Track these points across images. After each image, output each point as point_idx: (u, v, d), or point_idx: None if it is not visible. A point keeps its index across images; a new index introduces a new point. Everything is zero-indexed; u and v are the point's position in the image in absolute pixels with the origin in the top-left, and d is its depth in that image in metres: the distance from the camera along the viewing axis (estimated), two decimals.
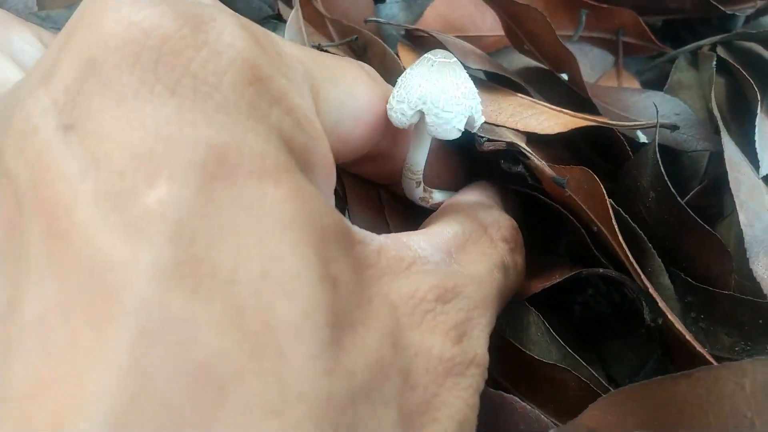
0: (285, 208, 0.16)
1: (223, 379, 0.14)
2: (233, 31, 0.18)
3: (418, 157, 0.29)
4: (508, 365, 0.28)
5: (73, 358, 0.13)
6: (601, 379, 0.27)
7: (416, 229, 0.25)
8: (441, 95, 0.26)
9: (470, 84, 0.27)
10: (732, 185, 0.32)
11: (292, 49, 0.22)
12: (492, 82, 0.35)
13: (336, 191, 0.33)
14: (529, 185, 0.31)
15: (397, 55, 0.35)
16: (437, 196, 0.31)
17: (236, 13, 0.20)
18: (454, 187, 0.32)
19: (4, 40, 0.25)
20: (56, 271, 0.14)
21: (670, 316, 0.26)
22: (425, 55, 0.27)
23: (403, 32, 0.40)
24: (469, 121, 0.27)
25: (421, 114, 0.26)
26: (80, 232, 0.14)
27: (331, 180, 0.22)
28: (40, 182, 0.15)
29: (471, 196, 0.30)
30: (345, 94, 0.25)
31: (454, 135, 0.26)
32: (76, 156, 0.15)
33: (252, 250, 0.15)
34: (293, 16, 0.37)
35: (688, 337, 0.26)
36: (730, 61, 0.37)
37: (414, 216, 0.32)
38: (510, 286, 0.26)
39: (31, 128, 0.16)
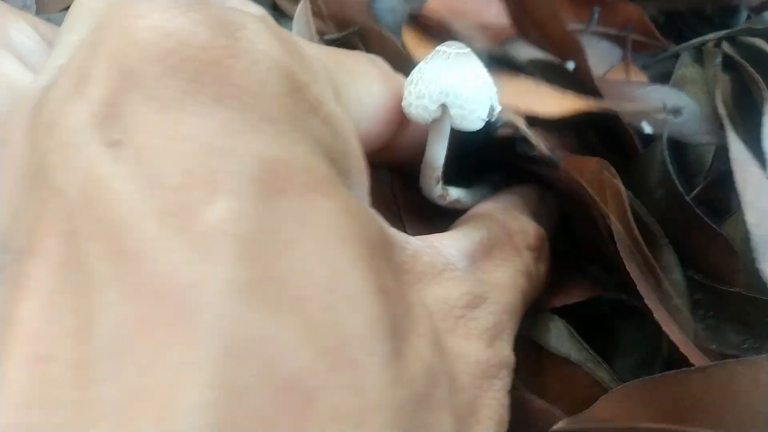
0: (338, 222, 0.16)
1: (310, 393, 0.14)
2: (265, 39, 0.18)
3: (439, 153, 0.28)
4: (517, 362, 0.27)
5: (161, 377, 0.13)
6: (613, 376, 0.27)
7: (430, 227, 0.26)
8: (463, 86, 0.25)
9: (486, 72, 0.26)
10: (739, 185, 0.31)
11: (311, 50, 0.21)
12: (496, 64, 0.34)
13: None
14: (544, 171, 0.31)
15: (402, 42, 0.34)
16: (453, 192, 0.31)
17: (259, 16, 0.19)
18: (474, 177, 0.32)
19: (4, 35, 0.24)
20: (127, 292, 0.14)
21: (674, 339, 0.25)
22: (438, 47, 0.26)
23: (405, 19, 0.39)
24: (489, 111, 0.27)
25: (443, 107, 0.25)
26: (146, 252, 0.14)
27: (365, 180, 0.22)
28: (94, 201, 0.14)
29: (501, 202, 0.30)
30: (364, 93, 0.25)
31: (479, 125, 0.26)
32: (128, 174, 0.15)
33: (316, 265, 0.15)
34: (301, 9, 0.36)
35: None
36: (736, 57, 0.37)
37: (427, 210, 0.31)
38: (534, 292, 0.27)
39: (76, 142, 0.15)
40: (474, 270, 0.23)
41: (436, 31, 0.38)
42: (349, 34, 0.37)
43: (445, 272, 0.21)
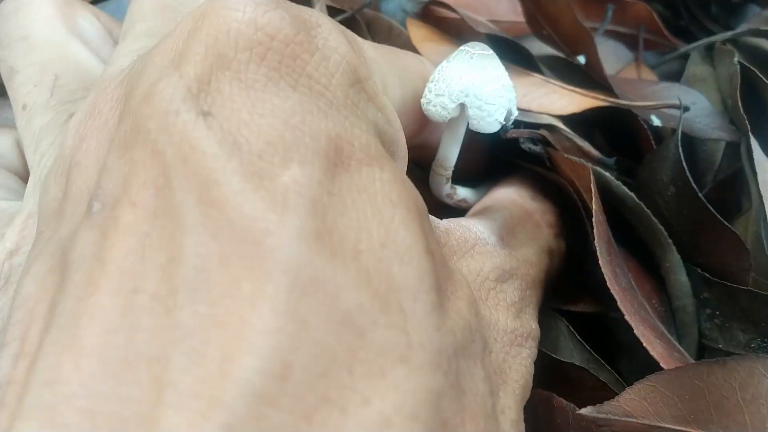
0: (392, 189, 0.18)
1: (363, 327, 0.16)
2: (336, 37, 0.21)
3: (452, 152, 0.28)
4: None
5: (236, 305, 0.15)
6: (617, 378, 0.27)
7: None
8: (484, 87, 0.25)
9: (507, 76, 0.26)
10: (761, 186, 0.31)
11: (370, 50, 0.24)
12: (506, 62, 0.34)
13: None
14: (546, 167, 0.31)
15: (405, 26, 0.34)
16: (461, 192, 0.31)
17: (331, 18, 0.22)
18: (479, 177, 0.33)
19: (74, 23, 0.28)
20: (213, 233, 0.16)
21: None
22: (462, 47, 0.26)
23: (415, 11, 0.39)
24: (507, 114, 0.27)
25: (462, 107, 0.26)
26: (231, 201, 0.16)
27: (404, 165, 0.24)
28: (188, 159, 0.17)
29: (513, 186, 0.31)
30: (409, 94, 0.26)
31: (495, 128, 0.26)
32: (218, 139, 0.17)
33: (371, 224, 0.17)
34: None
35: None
36: (743, 61, 0.37)
37: (434, 208, 0.31)
38: (554, 268, 0.28)
39: (174, 110, 0.17)
40: (503, 246, 0.25)
41: (445, 25, 0.38)
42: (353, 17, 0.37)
43: (477, 246, 0.24)
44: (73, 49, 0.26)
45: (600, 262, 0.26)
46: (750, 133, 0.32)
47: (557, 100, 0.31)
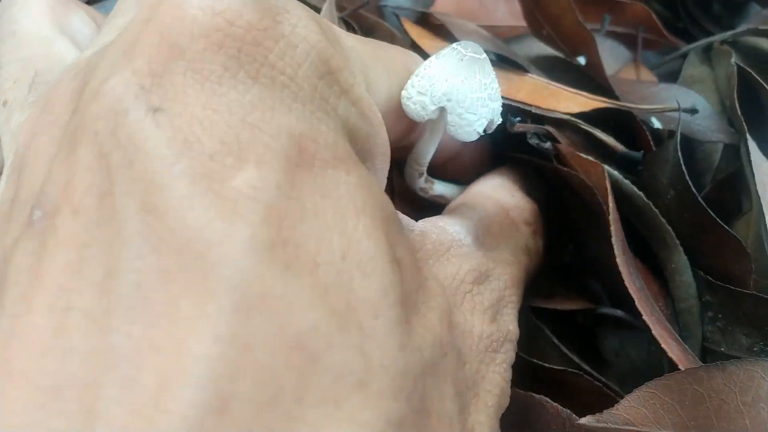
0: (357, 195, 0.17)
1: (316, 351, 0.14)
2: (306, 24, 0.19)
3: (428, 151, 0.28)
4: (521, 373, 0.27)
5: (175, 326, 0.14)
6: (611, 384, 0.27)
7: (423, 216, 0.25)
8: (468, 95, 0.24)
9: (496, 84, 0.25)
10: (759, 188, 0.31)
11: (350, 40, 0.23)
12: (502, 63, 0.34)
13: None
14: (553, 163, 0.30)
15: (405, 31, 0.34)
16: (438, 188, 0.30)
17: (303, 4, 0.20)
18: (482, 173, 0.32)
19: (66, 21, 0.26)
20: (153, 245, 0.14)
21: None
22: (454, 45, 0.25)
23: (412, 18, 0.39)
24: (488, 124, 0.26)
25: (442, 110, 0.25)
26: (175, 208, 0.15)
27: (387, 166, 0.23)
28: (133, 161, 0.15)
29: (492, 181, 0.30)
30: (395, 87, 0.25)
31: (473, 137, 0.25)
32: (167, 138, 0.16)
33: (332, 233, 0.16)
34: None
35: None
36: (740, 62, 0.37)
37: (421, 200, 0.31)
38: (533, 267, 0.27)
39: (122, 109, 0.16)
40: (479, 246, 0.24)
41: (440, 33, 0.38)
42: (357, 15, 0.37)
43: (453, 248, 0.23)
44: (59, 47, 0.25)
45: (617, 261, 0.26)
46: (747, 135, 0.32)
47: (562, 101, 0.31)
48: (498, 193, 0.28)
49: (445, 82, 0.24)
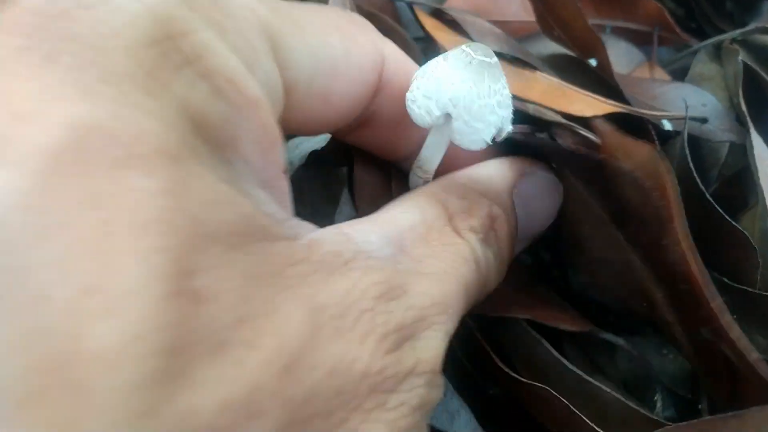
0: (148, 205, 0.13)
1: (3, 413, 0.11)
2: None
3: (433, 158, 0.26)
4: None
5: None
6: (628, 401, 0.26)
7: None
8: (475, 101, 0.22)
9: (507, 91, 0.24)
10: (763, 182, 0.31)
11: (250, 1, 0.19)
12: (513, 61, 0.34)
13: (342, 172, 0.32)
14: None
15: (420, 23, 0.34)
16: None
17: None
18: None
19: None
20: None
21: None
22: (464, 47, 0.23)
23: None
24: (497, 133, 0.24)
25: (448, 116, 0.23)
26: None
27: (270, 156, 0.19)
28: None
29: (453, 178, 0.26)
30: (317, 44, 0.22)
31: (480, 146, 0.24)
32: None
33: (81, 259, 0.13)
34: None
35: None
36: (748, 60, 0.37)
37: None
38: (482, 280, 0.23)
39: None
40: (400, 258, 0.20)
41: (455, 27, 0.38)
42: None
43: (354, 261, 0.18)
44: None
45: (692, 269, 0.24)
46: (752, 129, 0.33)
47: (575, 103, 0.31)
48: (447, 194, 0.24)
49: (452, 86, 0.23)
